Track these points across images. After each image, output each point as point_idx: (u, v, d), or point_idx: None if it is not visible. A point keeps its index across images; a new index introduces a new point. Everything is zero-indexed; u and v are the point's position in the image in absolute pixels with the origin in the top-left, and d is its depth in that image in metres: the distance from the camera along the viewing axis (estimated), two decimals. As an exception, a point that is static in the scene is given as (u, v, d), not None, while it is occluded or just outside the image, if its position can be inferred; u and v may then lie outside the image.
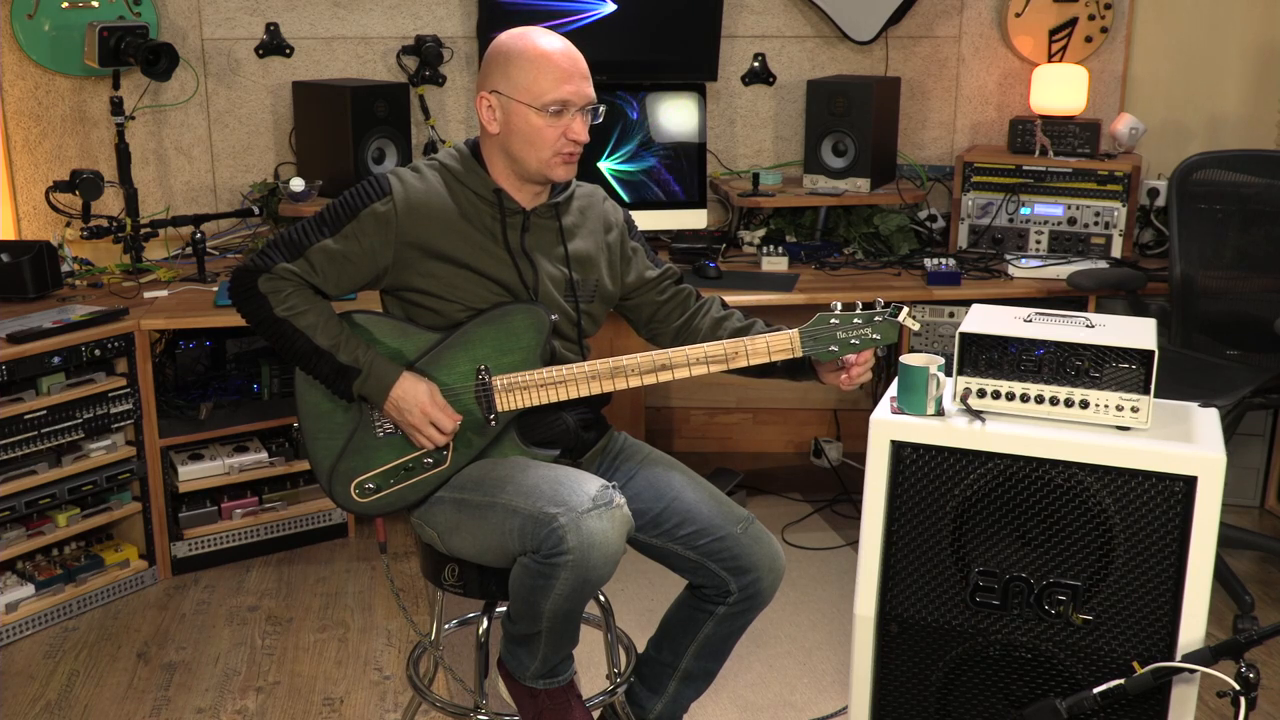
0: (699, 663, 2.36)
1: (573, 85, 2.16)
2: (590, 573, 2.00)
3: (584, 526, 1.98)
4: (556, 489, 2.05)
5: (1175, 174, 3.53)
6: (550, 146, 2.17)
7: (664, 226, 3.88)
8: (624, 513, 2.05)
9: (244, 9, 3.81)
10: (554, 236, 2.28)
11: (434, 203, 2.18)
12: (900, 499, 2.14)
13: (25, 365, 3.03)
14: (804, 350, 2.19)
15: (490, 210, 2.22)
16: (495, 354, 2.21)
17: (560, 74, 2.15)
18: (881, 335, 2.18)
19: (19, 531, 3.16)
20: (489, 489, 2.14)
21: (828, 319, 2.19)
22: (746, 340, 2.20)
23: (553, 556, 1.99)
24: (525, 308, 2.21)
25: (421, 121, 3.90)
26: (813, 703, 2.85)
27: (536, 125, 2.16)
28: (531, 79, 2.15)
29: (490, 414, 2.21)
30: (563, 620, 2.09)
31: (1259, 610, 3.16)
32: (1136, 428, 2.06)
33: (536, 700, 2.19)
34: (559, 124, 2.16)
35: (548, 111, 2.15)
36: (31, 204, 3.72)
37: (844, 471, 4.11)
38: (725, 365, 2.20)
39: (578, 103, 2.17)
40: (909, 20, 4.03)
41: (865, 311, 2.19)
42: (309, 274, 2.16)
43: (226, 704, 2.85)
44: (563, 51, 2.17)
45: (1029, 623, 2.11)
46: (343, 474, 2.24)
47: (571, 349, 2.31)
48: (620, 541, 2.04)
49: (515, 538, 2.06)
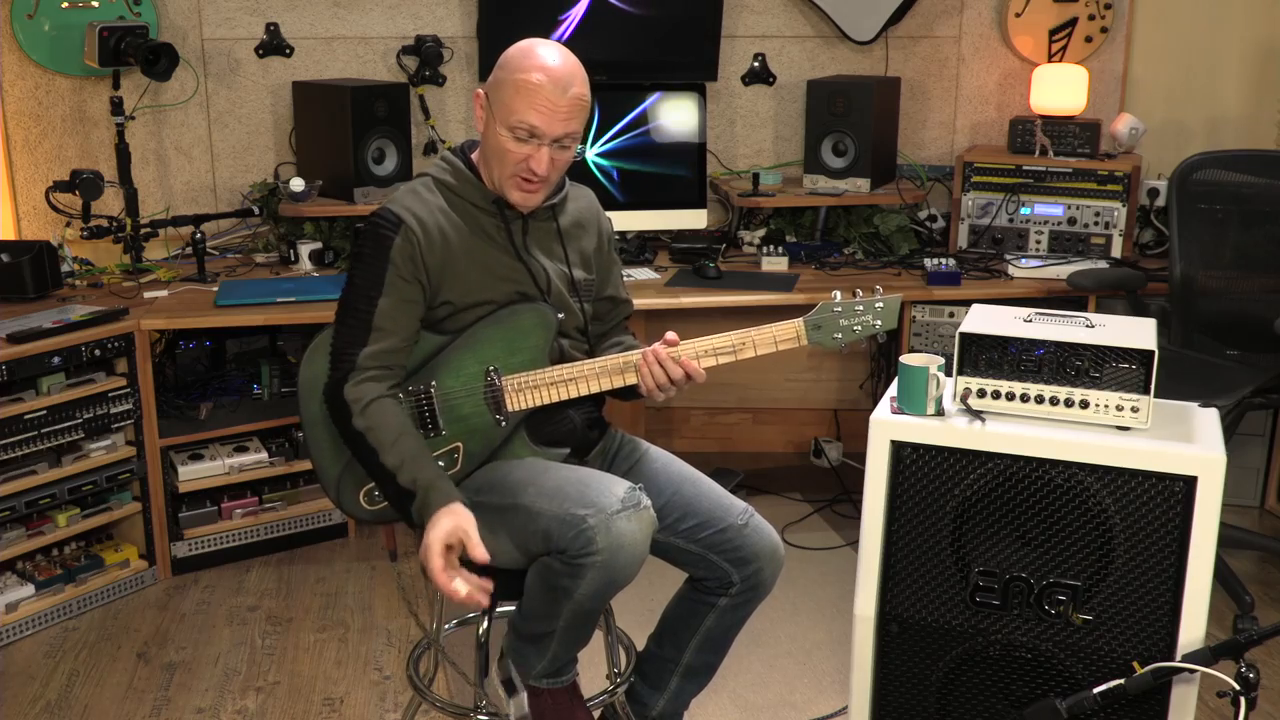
0: (701, 657, 2.36)
1: (544, 117, 2.11)
2: (617, 574, 2.01)
3: (614, 528, 1.98)
4: (584, 491, 2.05)
5: (1175, 174, 3.52)
6: (510, 167, 2.15)
7: (664, 226, 3.88)
8: (651, 514, 2.06)
9: (244, 9, 3.81)
10: (553, 237, 2.29)
11: (441, 222, 2.18)
12: (900, 499, 2.14)
13: (25, 365, 3.03)
14: (809, 339, 2.22)
15: (492, 219, 2.22)
16: (504, 354, 2.21)
17: (537, 102, 2.11)
18: (883, 320, 2.23)
19: (19, 531, 3.16)
20: (508, 491, 2.14)
21: (831, 307, 2.22)
22: (753, 331, 2.22)
23: (581, 557, 1.99)
24: (532, 307, 2.22)
25: (421, 121, 3.90)
26: (813, 703, 2.85)
27: (502, 142, 2.14)
28: (510, 97, 2.12)
29: (500, 415, 2.21)
30: (581, 620, 2.09)
31: (1259, 610, 3.16)
32: (1136, 428, 2.06)
33: (539, 699, 2.19)
34: (523, 149, 2.13)
35: (514, 134, 2.13)
36: (31, 204, 3.72)
37: (844, 471, 4.11)
38: (734, 357, 2.22)
39: (545, 135, 2.12)
40: (909, 20, 4.04)
41: (866, 298, 2.23)
42: (388, 342, 2.13)
43: (226, 704, 2.85)
44: (553, 83, 2.11)
45: (1029, 623, 2.11)
46: (349, 482, 2.23)
47: (579, 346, 2.31)
48: (647, 543, 2.05)
49: (540, 539, 2.05)
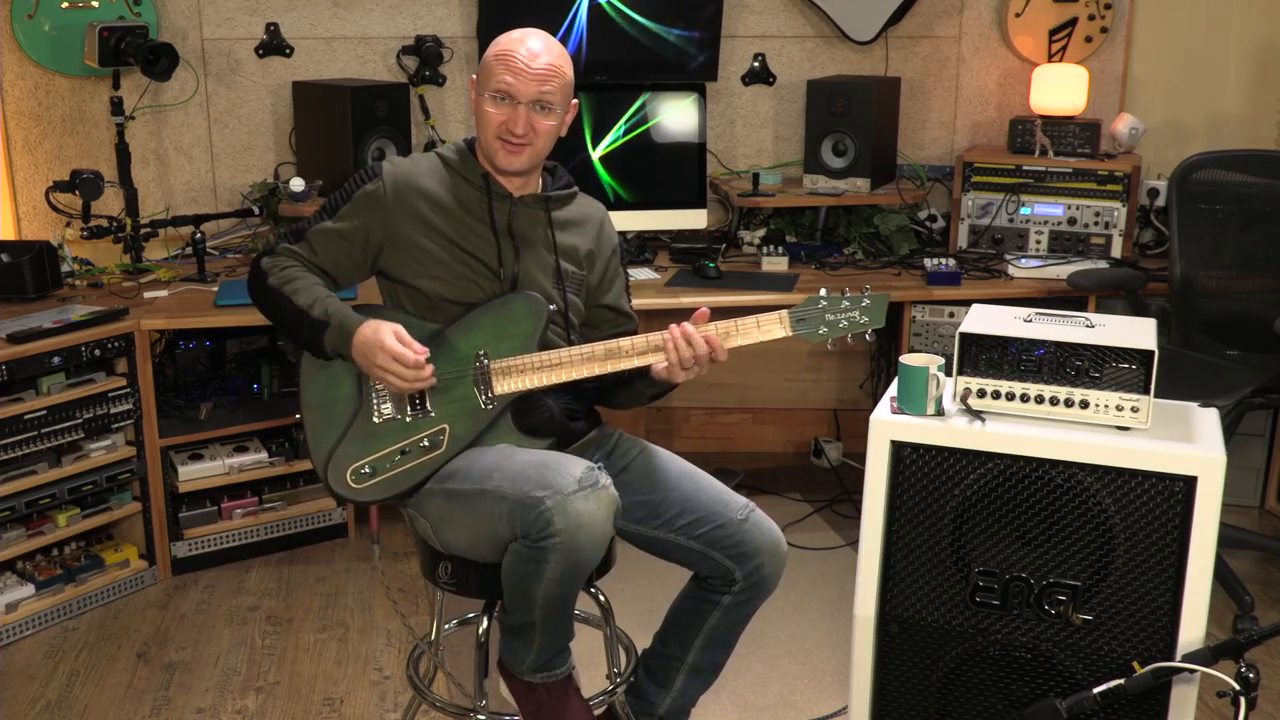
0: (706, 655, 2.36)
1: (515, 78, 2.23)
2: (579, 555, 2.02)
3: (570, 508, 1.99)
4: (543, 473, 2.06)
5: (1175, 174, 3.52)
6: (492, 129, 2.26)
7: (664, 226, 3.89)
8: (610, 493, 2.06)
9: (244, 9, 3.81)
10: (542, 227, 2.34)
11: (423, 180, 2.30)
12: (900, 499, 2.14)
13: (25, 365, 3.03)
14: (794, 330, 2.22)
15: (479, 195, 2.31)
16: (493, 340, 2.25)
17: (511, 66, 2.24)
18: (870, 318, 2.22)
19: (19, 531, 3.16)
20: (476, 477, 2.15)
21: (816, 301, 2.23)
22: (737, 320, 2.23)
23: (541, 540, 2.00)
24: (525, 295, 2.28)
25: (421, 121, 3.90)
26: (813, 703, 2.85)
27: (484, 109, 2.27)
28: (490, 67, 2.26)
29: (488, 398, 2.24)
30: (556, 607, 2.10)
31: (1259, 610, 3.16)
32: (1136, 428, 2.06)
33: (534, 694, 2.19)
34: (502, 111, 2.25)
35: (493, 100, 2.25)
36: (31, 204, 3.72)
37: (844, 471, 4.11)
38: (722, 343, 2.21)
39: (518, 96, 2.24)
40: (909, 20, 4.03)
41: (853, 295, 2.23)
42: (309, 254, 2.30)
43: (226, 704, 2.85)
44: (528, 48, 2.25)
45: (1029, 623, 2.11)
46: (339, 460, 2.25)
47: (560, 335, 2.33)
48: (607, 523, 2.05)
49: (505, 523, 2.07)
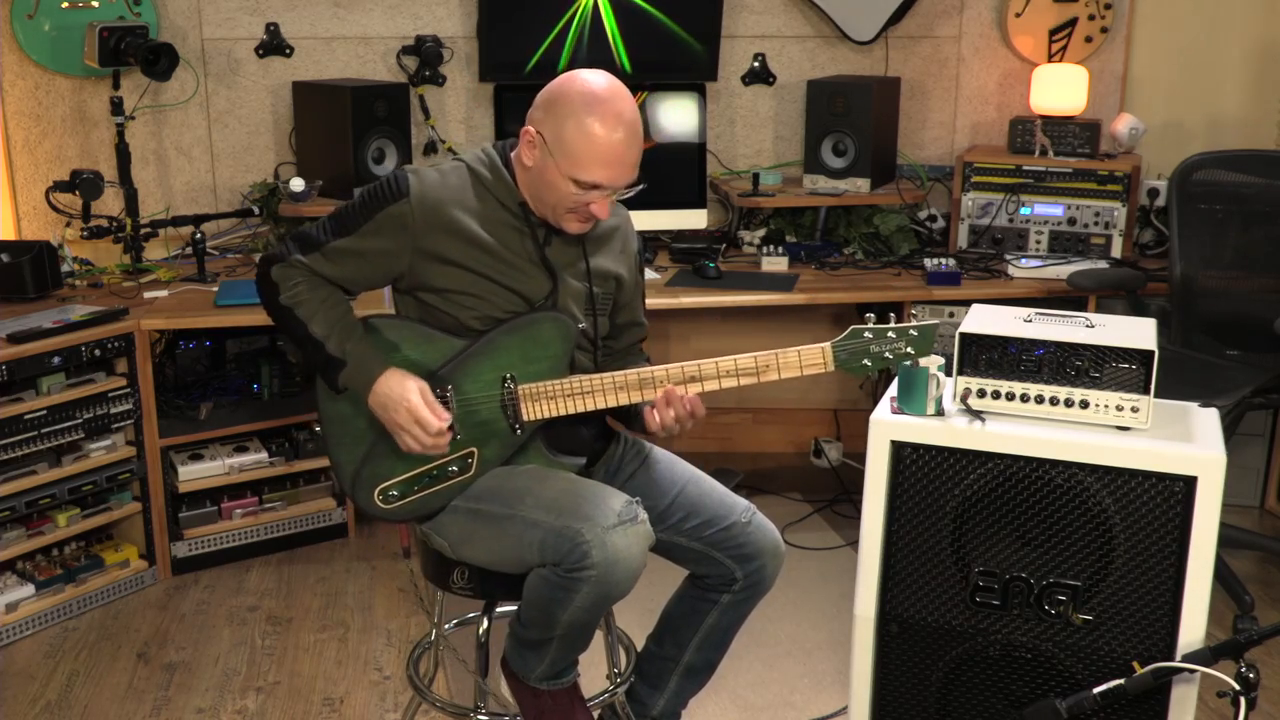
0: (702, 655, 2.36)
1: (610, 172, 2.10)
2: (613, 588, 2.01)
3: (609, 543, 1.98)
4: (579, 503, 2.04)
5: (1175, 174, 3.52)
6: (566, 206, 2.14)
7: (664, 226, 3.88)
8: (647, 529, 2.06)
9: (244, 9, 3.81)
10: (576, 251, 2.24)
11: (455, 208, 2.14)
12: (900, 499, 2.14)
13: (25, 365, 3.03)
14: (836, 364, 2.14)
15: (515, 221, 2.18)
16: (521, 362, 2.18)
17: (604, 160, 2.09)
18: (916, 349, 2.12)
19: (19, 531, 3.16)
20: (506, 500, 2.13)
21: (861, 332, 2.13)
22: (779, 352, 2.15)
23: (575, 571, 1.99)
24: (552, 316, 2.18)
25: (421, 121, 3.90)
26: (813, 703, 2.85)
27: (562, 187, 2.11)
28: (576, 151, 2.08)
29: (516, 424, 2.19)
30: (578, 629, 2.10)
31: (1259, 610, 3.16)
32: (1136, 428, 2.06)
33: (539, 701, 2.19)
34: (584, 196, 2.12)
35: (578, 184, 2.11)
36: (31, 204, 3.71)
37: (844, 471, 4.10)
38: (756, 379, 2.16)
39: (609, 188, 2.12)
40: (909, 20, 4.03)
41: (900, 325, 2.13)
42: (323, 268, 2.15)
43: (226, 704, 2.85)
44: (620, 139, 2.09)
45: (1029, 623, 2.11)
46: (366, 480, 2.22)
47: (587, 355, 2.28)
48: (643, 558, 2.04)
49: (536, 550, 2.05)
